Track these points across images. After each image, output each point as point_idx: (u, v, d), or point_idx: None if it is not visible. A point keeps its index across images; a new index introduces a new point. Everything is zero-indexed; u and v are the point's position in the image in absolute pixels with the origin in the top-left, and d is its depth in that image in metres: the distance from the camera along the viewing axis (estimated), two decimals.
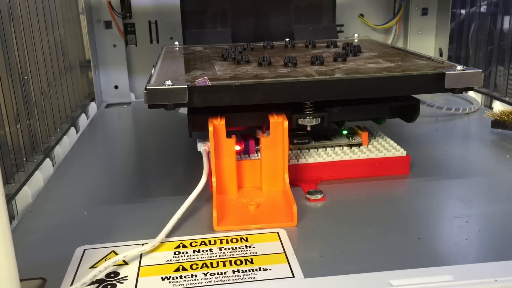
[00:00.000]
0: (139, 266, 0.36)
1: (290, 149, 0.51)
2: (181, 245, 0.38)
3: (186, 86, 0.44)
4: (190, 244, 0.38)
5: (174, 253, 0.37)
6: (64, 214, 0.45)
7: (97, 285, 0.33)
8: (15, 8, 0.53)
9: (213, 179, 0.45)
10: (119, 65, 0.87)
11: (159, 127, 0.71)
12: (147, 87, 0.44)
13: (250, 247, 0.38)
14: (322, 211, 0.44)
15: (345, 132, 0.54)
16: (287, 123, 0.45)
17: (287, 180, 0.46)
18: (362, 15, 0.92)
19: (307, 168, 0.49)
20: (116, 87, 0.88)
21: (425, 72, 0.48)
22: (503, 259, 0.35)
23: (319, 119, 0.49)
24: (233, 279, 0.34)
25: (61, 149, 0.62)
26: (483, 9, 0.80)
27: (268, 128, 0.51)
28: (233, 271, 0.35)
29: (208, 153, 0.50)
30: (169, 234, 0.39)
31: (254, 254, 0.37)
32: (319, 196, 0.45)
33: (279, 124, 0.46)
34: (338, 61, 0.54)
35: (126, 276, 0.34)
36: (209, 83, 0.45)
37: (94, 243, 0.39)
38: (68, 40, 0.73)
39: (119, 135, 0.70)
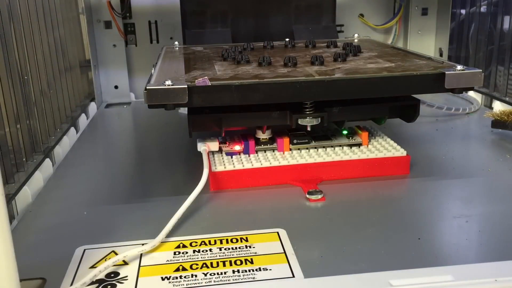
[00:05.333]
0: (139, 266, 0.36)
1: (290, 149, 0.51)
2: (181, 245, 0.38)
3: (186, 86, 0.44)
4: (190, 244, 0.38)
5: (174, 253, 0.37)
6: (64, 214, 0.45)
7: (97, 285, 0.33)
8: (15, 8, 0.53)
9: None
10: (119, 65, 0.87)
11: (159, 127, 0.71)
12: (147, 87, 0.44)
13: (250, 247, 0.38)
14: (322, 211, 0.44)
15: (345, 132, 0.53)
16: None
17: None
18: (362, 15, 0.92)
19: (307, 168, 0.49)
20: (116, 87, 0.88)
21: (425, 72, 0.48)
22: (503, 259, 0.35)
23: (319, 119, 0.49)
24: (233, 279, 0.34)
25: (61, 149, 0.62)
26: (483, 9, 0.80)
27: (268, 128, 0.51)
28: (233, 271, 0.35)
29: (208, 153, 0.50)
30: (169, 234, 0.39)
31: (254, 254, 0.37)
32: (319, 196, 0.45)
33: None
34: (338, 61, 0.54)
35: (126, 276, 0.34)
36: (209, 83, 0.45)
37: (94, 243, 0.39)
38: (68, 40, 0.73)
39: (119, 135, 0.70)
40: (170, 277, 0.34)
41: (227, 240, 0.39)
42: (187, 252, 0.37)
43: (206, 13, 0.80)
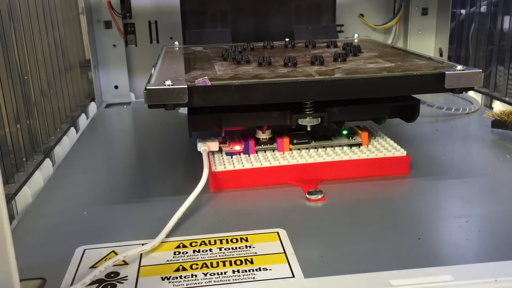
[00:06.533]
0: (139, 266, 0.36)
1: (290, 149, 0.51)
2: (181, 245, 0.38)
3: (186, 86, 0.44)
4: (190, 244, 0.38)
5: (174, 253, 0.37)
6: (64, 214, 0.45)
7: (97, 285, 0.33)
8: (15, 8, 0.53)
9: None
10: (119, 65, 0.87)
11: (159, 127, 0.71)
12: (147, 87, 0.44)
13: (250, 247, 0.38)
14: (322, 211, 0.44)
15: (345, 132, 0.53)
16: None
17: None
18: (362, 15, 0.92)
19: (307, 168, 0.49)
20: (116, 87, 0.88)
21: (425, 72, 0.48)
22: (503, 259, 0.35)
23: (319, 119, 0.49)
24: (233, 279, 0.34)
25: (61, 149, 0.62)
26: (483, 9, 0.80)
27: (268, 128, 0.51)
28: (233, 271, 0.35)
29: (208, 153, 0.50)
30: (169, 234, 0.39)
31: (254, 254, 0.37)
32: (319, 196, 0.45)
33: None
34: (338, 61, 0.54)
35: (126, 276, 0.34)
36: (209, 83, 0.45)
37: (94, 243, 0.39)
38: (68, 40, 0.73)
39: (119, 135, 0.70)
40: (170, 277, 0.34)
41: (227, 240, 0.39)
42: (187, 252, 0.37)
43: (206, 13, 0.80)
